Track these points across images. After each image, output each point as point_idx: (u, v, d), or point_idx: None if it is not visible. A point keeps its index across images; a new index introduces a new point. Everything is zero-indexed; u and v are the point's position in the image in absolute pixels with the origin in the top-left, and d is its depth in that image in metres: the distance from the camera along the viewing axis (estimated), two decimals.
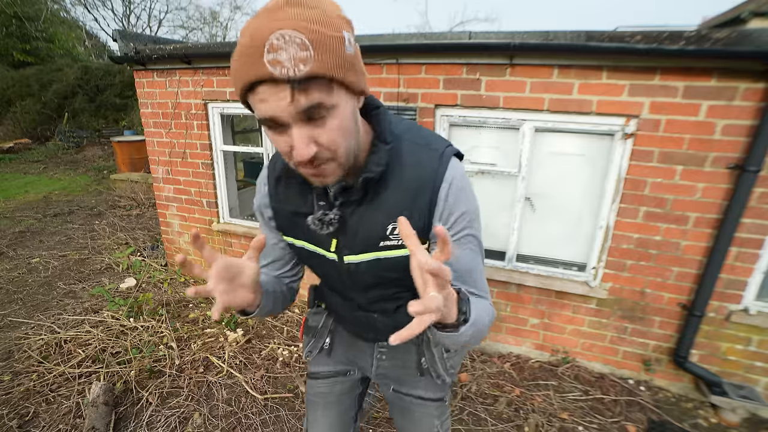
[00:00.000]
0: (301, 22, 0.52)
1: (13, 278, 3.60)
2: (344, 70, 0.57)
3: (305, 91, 0.54)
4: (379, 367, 1.06)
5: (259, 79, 0.54)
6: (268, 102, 0.56)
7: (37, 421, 2.04)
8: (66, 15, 17.48)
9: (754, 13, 2.29)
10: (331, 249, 0.82)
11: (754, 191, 1.92)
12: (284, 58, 0.52)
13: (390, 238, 0.77)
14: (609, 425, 2.12)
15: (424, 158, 0.74)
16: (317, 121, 0.59)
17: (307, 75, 0.53)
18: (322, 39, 0.53)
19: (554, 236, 2.46)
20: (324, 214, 0.75)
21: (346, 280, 0.87)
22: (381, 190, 0.75)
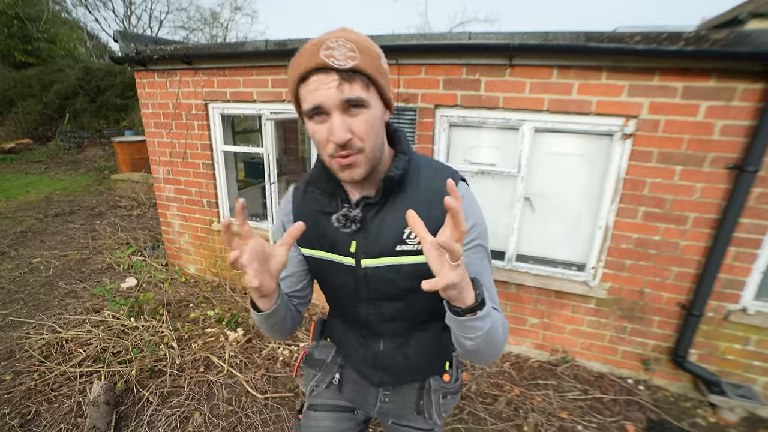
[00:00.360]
0: (352, 35, 0.70)
1: (14, 278, 3.62)
2: (380, 76, 0.72)
3: (350, 81, 0.68)
4: (382, 407, 1.09)
5: (315, 67, 0.67)
6: (318, 90, 0.68)
7: (38, 421, 2.05)
8: (67, 16, 17.52)
9: (752, 14, 2.30)
10: (351, 250, 0.86)
11: (753, 191, 1.93)
12: (337, 54, 0.67)
13: (407, 243, 0.83)
14: (608, 424, 2.12)
15: (439, 176, 0.84)
16: (354, 114, 0.71)
17: (353, 68, 0.67)
18: (365, 49, 0.70)
19: (554, 236, 2.46)
20: (348, 211, 0.83)
21: (362, 288, 0.90)
22: (400, 196, 0.83)
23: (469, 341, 0.72)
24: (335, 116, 0.70)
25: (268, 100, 2.81)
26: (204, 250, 3.55)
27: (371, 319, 0.95)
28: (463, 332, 0.71)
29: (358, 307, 0.94)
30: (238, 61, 2.78)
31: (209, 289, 3.43)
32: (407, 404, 1.08)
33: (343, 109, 0.69)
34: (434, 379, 1.07)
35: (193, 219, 3.47)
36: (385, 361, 1.01)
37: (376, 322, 0.95)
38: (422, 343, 0.99)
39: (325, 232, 0.88)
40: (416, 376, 1.06)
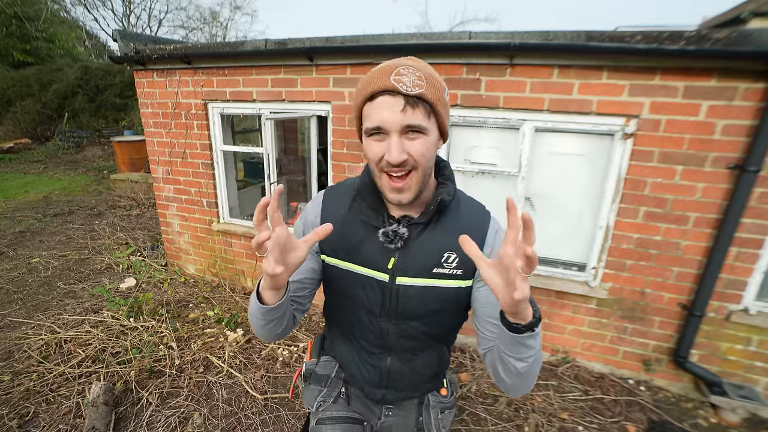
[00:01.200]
0: (423, 67, 0.75)
1: (13, 278, 3.60)
2: (442, 107, 0.76)
3: (413, 107, 0.73)
4: (385, 421, 1.12)
5: (384, 89, 0.73)
6: (382, 110, 0.74)
7: (37, 421, 2.04)
8: (66, 15, 17.48)
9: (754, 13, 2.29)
10: (389, 266, 0.89)
11: (754, 191, 1.93)
12: (405, 81, 0.72)
13: (444, 266, 0.87)
14: (609, 425, 2.12)
15: (475, 207, 0.93)
16: (411, 138, 0.75)
17: (419, 95, 0.72)
18: (432, 80, 0.75)
19: (554, 236, 2.45)
20: (396, 228, 0.87)
21: (390, 303, 0.91)
22: (444, 220, 0.89)
23: (522, 362, 0.73)
24: (393, 137, 0.75)
25: (268, 100, 2.80)
26: (203, 251, 3.54)
27: (390, 335, 0.96)
28: (518, 353, 0.72)
29: (378, 323, 0.95)
30: (238, 61, 2.77)
31: (209, 289, 3.42)
32: (408, 421, 1.11)
33: (403, 133, 0.75)
34: (432, 395, 1.12)
35: (193, 219, 3.46)
36: (391, 375, 1.03)
37: (395, 338, 0.96)
38: (428, 359, 1.03)
39: (360, 245, 0.90)
40: (417, 392, 1.09)
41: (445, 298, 0.89)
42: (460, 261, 0.87)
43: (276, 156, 3.08)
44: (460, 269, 0.87)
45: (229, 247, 3.38)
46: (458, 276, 0.88)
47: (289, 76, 2.67)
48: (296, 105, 2.75)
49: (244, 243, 3.28)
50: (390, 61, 0.76)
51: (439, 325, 0.96)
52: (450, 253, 0.87)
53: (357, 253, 0.91)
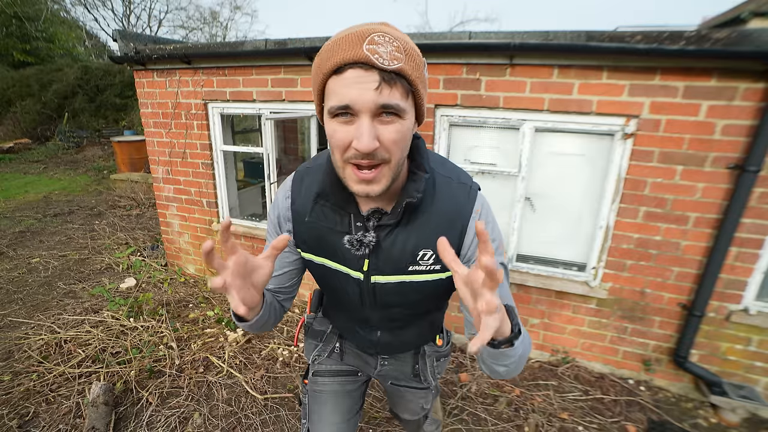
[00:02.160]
0: (399, 35, 0.62)
1: (13, 278, 3.60)
2: (421, 85, 0.66)
3: (390, 85, 0.60)
4: (381, 370, 1.17)
5: (355, 61, 0.59)
6: (352, 87, 0.60)
7: (37, 421, 2.04)
8: (66, 15, 17.47)
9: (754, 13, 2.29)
10: (363, 269, 0.84)
11: (754, 191, 1.92)
12: (381, 51, 0.59)
13: (419, 264, 0.81)
14: (609, 425, 2.12)
15: (455, 192, 0.80)
16: (385, 122, 0.63)
17: (398, 70, 0.60)
18: (411, 53, 0.63)
19: (554, 236, 2.45)
20: (363, 235, 0.79)
21: (367, 299, 0.90)
22: (415, 217, 0.79)
23: (504, 367, 0.70)
24: (364, 121, 0.62)
25: (268, 100, 2.80)
26: None
27: (374, 319, 0.97)
28: (497, 360, 0.68)
29: (362, 310, 0.95)
30: (238, 61, 2.77)
31: (209, 289, 3.42)
32: (404, 369, 1.16)
33: (375, 115, 0.62)
34: (428, 345, 1.15)
35: (193, 219, 3.46)
36: (382, 345, 1.07)
37: (379, 321, 0.98)
38: (418, 329, 1.05)
39: (331, 245, 0.84)
40: (412, 348, 1.15)
41: (424, 290, 0.85)
42: (437, 258, 0.80)
43: (276, 156, 3.09)
44: (438, 265, 0.81)
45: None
46: (436, 270, 0.82)
47: (289, 76, 2.67)
48: (296, 105, 2.75)
49: (244, 243, 3.28)
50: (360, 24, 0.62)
51: (422, 307, 0.95)
52: (425, 251, 0.80)
53: (330, 251, 0.86)
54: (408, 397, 1.23)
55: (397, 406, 1.33)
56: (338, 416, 1.11)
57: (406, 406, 1.29)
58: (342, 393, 1.14)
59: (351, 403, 1.15)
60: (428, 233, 0.79)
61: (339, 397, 1.14)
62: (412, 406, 1.27)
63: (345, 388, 1.15)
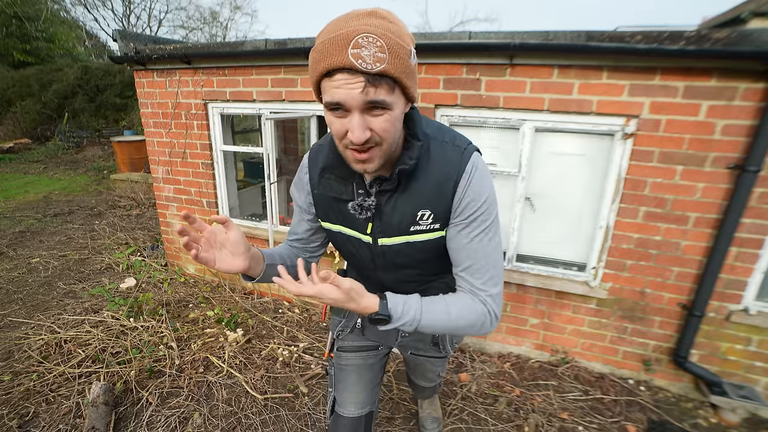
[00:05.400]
0: (384, 31, 0.66)
1: (13, 278, 3.60)
2: (407, 77, 0.70)
3: (375, 85, 0.67)
4: (402, 341, 1.28)
5: (341, 67, 0.65)
6: (341, 89, 0.67)
7: (37, 421, 2.04)
8: (66, 15, 17.46)
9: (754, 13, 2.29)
10: (368, 231, 0.94)
11: (754, 191, 1.92)
12: (365, 54, 0.64)
13: (419, 224, 0.90)
14: (609, 425, 2.12)
15: (449, 154, 0.87)
16: (375, 114, 0.71)
17: (381, 72, 0.66)
18: (396, 48, 0.67)
19: (554, 236, 2.45)
20: (363, 200, 0.90)
21: (378, 260, 1.00)
22: (412, 182, 0.87)
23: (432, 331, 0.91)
24: (355, 116, 0.70)
25: (268, 100, 2.80)
26: None
27: (389, 281, 1.06)
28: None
29: (375, 273, 1.05)
30: (238, 61, 2.77)
31: (209, 289, 3.42)
32: (425, 338, 1.27)
33: (365, 109, 0.70)
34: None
35: None
36: None
37: (394, 284, 1.05)
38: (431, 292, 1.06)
39: (341, 212, 0.95)
40: None
41: (429, 248, 0.94)
42: (435, 217, 0.89)
43: (276, 156, 3.09)
44: (437, 223, 0.90)
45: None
46: (436, 229, 0.91)
47: (289, 76, 2.67)
48: (296, 105, 2.75)
49: None
50: (347, 22, 0.67)
51: (432, 268, 1.02)
52: (423, 212, 0.88)
53: (343, 218, 0.96)
54: (427, 366, 1.44)
55: (415, 373, 1.56)
56: (361, 386, 1.25)
57: (423, 374, 1.51)
58: (364, 366, 1.27)
59: (372, 375, 1.28)
60: (425, 195, 0.87)
61: (362, 369, 1.26)
62: (429, 375, 1.50)
63: (367, 362, 1.27)
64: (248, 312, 3.07)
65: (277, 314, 3.08)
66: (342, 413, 1.23)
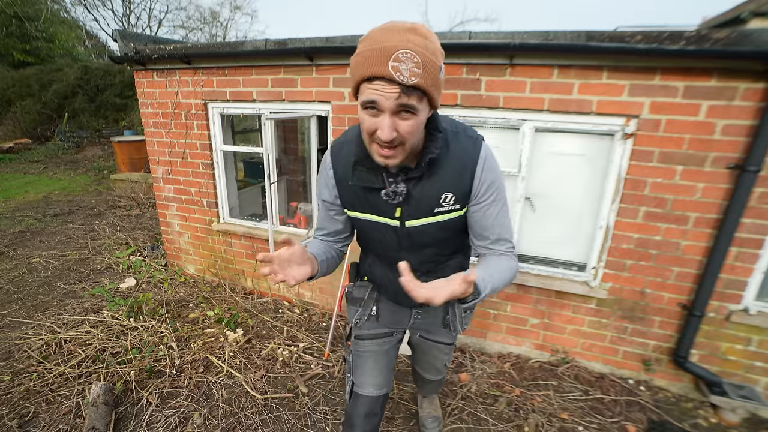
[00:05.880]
0: (422, 49, 0.76)
1: (13, 278, 3.60)
2: (435, 89, 0.82)
3: (408, 95, 0.78)
4: (415, 322, 1.39)
5: (381, 76, 0.76)
6: (378, 93, 0.78)
7: (37, 421, 2.04)
8: (66, 15, 17.45)
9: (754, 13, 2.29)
10: (396, 215, 1.05)
11: (754, 191, 1.92)
12: (403, 69, 0.75)
13: (443, 205, 1.03)
14: (609, 425, 2.12)
15: (464, 144, 1.01)
16: (403, 117, 0.82)
17: (414, 85, 0.77)
18: (430, 65, 0.77)
19: (554, 236, 2.45)
20: (396, 186, 1.00)
21: (404, 242, 1.12)
22: (436, 169, 0.99)
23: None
24: (386, 117, 0.81)
25: (268, 100, 2.80)
26: (203, 251, 3.54)
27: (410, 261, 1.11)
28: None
29: (399, 254, 1.15)
30: (238, 61, 2.77)
31: (209, 289, 3.42)
32: (436, 318, 1.38)
33: (395, 112, 0.81)
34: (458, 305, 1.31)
35: (193, 219, 3.46)
36: None
37: (416, 263, 1.13)
38: (448, 271, 1.20)
39: (371, 201, 1.06)
40: None
41: (449, 227, 1.08)
42: (456, 199, 1.03)
43: (276, 156, 3.09)
44: (458, 204, 1.04)
45: (229, 247, 3.38)
46: (456, 209, 1.05)
47: (289, 76, 2.67)
48: (296, 105, 2.75)
49: (244, 243, 3.28)
50: (391, 35, 0.76)
51: (449, 247, 1.18)
52: (446, 194, 1.01)
53: (370, 206, 1.07)
54: (434, 353, 1.54)
55: (422, 363, 1.66)
56: (378, 370, 1.38)
57: (431, 362, 1.61)
58: (380, 352, 1.38)
59: (388, 360, 1.41)
60: (447, 179, 1.00)
61: (378, 355, 1.38)
62: (436, 363, 1.60)
63: (382, 348, 1.39)
64: (248, 312, 3.07)
65: (277, 314, 3.08)
66: (361, 393, 1.37)
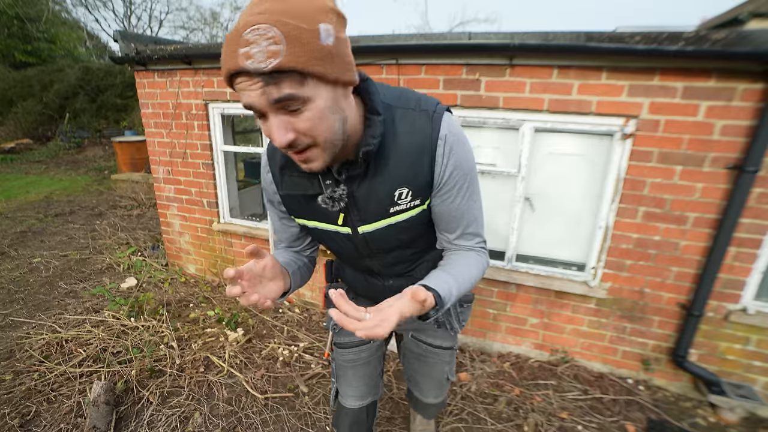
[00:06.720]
0: (277, 15, 0.54)
1: (14, 278, 3.62)
2: (320, 62, 0.58)
3: (276, 84, 0.57)
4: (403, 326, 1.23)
5: (235, 71, 0.57)
6: (245, 91, 0.59)
7: (38, 421, 2.04)
8: (67, 16, 17.49)
9: (752, 14, 2.30)
10: (339, 223, 0.88)
11: (753, 191, 1.93)
12: (255, 52, 0.54)
13: (398, 203, 0.83)
14: (608, 424, 2.12)
15: (417, 122, 0.78)
16: (293, 113, 0.61)
17: (276, 68, 0.55)
18: (295, 33, 0.55)
19: (554, 236, 2.46)
20: (333, 191, 0.80)
21: (363, 249, 0.94)
22: (382, 161, 0.78)
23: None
24: (271, 118, 0.62)
25: None
26: (204, 250, 3.54)
27: (375, 267, 1.02)
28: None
29: (362, 261, 1.01)
30: None
31: (209, 289, 3.42)
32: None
33: (278, 109, 0.60)
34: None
35: (193, 219, 3.47)
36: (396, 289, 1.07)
37: (383, 267, 1.02)
38: (425, 269, 1.03)
39: (315, 207, 0.86)
40: None
41: (413, 226, 0.89)
42: (414, 193, 0.82)
43: None
44: (417, 199, 0.84)
45: (229, 247, 3.39)
46: (416, 205, 0.85)
47: None
48: None
49: (244, 243, 3.29)
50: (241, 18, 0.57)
51: (419, 244, 0.98)
52: (401, 190, 0.81)
53: (313, 214, 0.89)
54: (431, 359, 1.26)
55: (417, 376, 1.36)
56: (358, 380, 1.25)
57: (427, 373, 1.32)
58: (360, 361, 1.24)
59: (370, 369, 1.26)
60: (399, 172, 0.79)
61: (357, 365, 1.24)
62: (435, 373, 1.30)
63: (360, 356, 1.23)
64: (248, 312, 3.08)
65: (277, 314, 3.09)
66: (344, 404, 1.28)
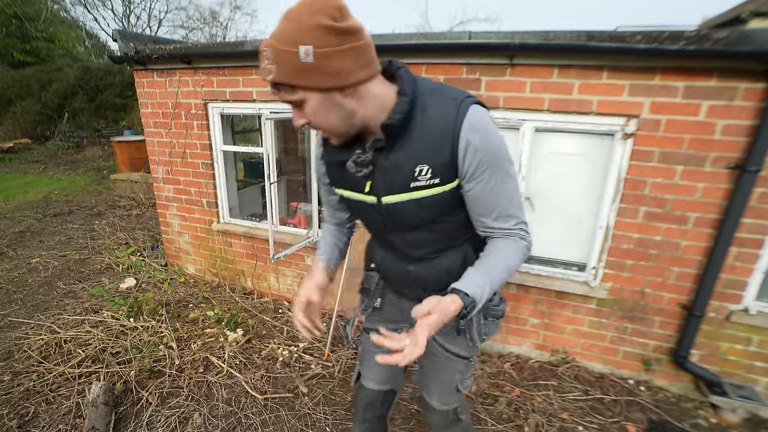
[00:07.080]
0: (272, 40, 0.72)
1: (13, 278, 3.60)
2: (298, 76, 0.73)
3: (278, 90, 0.77)
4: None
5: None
6: None
7: (37, 421, 2.04)
8: (66, 15, 17.46)
9: (754, 13, 2.29)
10: (366, 190, 0.97)
11: (754, 191, 1.92)
12: (263, 68, 0.75)
13: (419, 179, 0.89)
14: (609, 425, 2.12)
15: (444, 107, 0.85)
16: (299, 107, 0.80)
17: (272, 81, 0.75)
18: (280, 57, 0.71)
19: (554, 236, 2.45)
20: (358, 157, 0.91)
21: (388, 221, 1.01)
22: (407, 137, 0.87)
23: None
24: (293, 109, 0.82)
25: (268, 100, 2.80)
26: (203, 251, 3.53)
27: (399, 245, 1.08)
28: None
29: (386, 236, 1.09)
30: (238, 61, 2.77)
31: (209, 289, 3.42)
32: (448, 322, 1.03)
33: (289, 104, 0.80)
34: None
35: (193, 219, 3.46)
36: (415, 278, 1.13)
37: (403, 247, 1.08)
38: (448, 261, 1.07)
39: (345, 175, 0.98)
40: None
41: (432, 205, 0.93)
42: (434, 172, 0.87)
43: (276, 156, 3.09)
44: (436, 178, 0.88)
45: (229, 247, 3.38)
46: (436, 184, 0.89)
47: None
48: None
49: (243, 243, 3.28)
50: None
51: (441, 230, 1.01)
52: (421, 167, 0.87)
53: (345, 181, 1.01)
54: (443, 364, 1.21)
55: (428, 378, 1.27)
56: (380, 366, 1.28)
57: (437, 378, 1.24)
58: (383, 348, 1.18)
59: None
60: (422, 149, 0.86)
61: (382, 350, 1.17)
62: (445, 378, 1.22)
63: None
64: (248, 312, 3.07)
65: (277, 314, 3.08)
66: (364, 384, 1.35)
